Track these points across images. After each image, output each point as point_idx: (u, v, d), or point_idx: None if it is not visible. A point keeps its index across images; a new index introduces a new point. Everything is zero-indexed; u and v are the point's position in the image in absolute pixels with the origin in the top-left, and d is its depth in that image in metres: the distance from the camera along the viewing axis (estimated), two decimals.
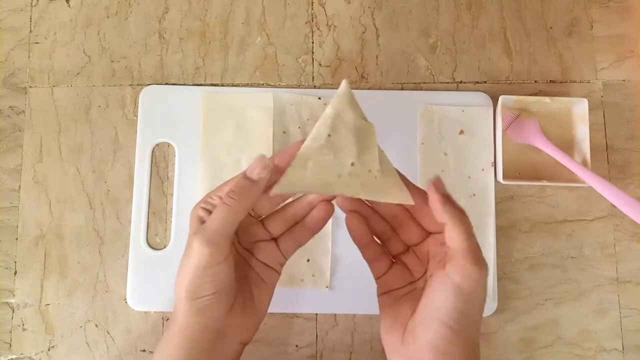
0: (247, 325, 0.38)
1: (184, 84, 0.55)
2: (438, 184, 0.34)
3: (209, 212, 0.35)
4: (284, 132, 0.53)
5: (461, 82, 0.55)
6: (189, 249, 0.35)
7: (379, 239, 0.39)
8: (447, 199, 0.33)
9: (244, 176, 0.35)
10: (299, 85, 0.55)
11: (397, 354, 0.35)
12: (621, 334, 0.51)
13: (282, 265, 0.40)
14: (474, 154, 0.53)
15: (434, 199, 0.33)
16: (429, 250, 0.37)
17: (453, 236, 0.32)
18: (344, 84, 0.37)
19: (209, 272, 0.34)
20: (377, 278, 0.39)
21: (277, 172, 0.35)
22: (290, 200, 0.39)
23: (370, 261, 0.39)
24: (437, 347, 0.32)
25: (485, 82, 0.55)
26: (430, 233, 0.38)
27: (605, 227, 0.53)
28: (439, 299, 0.32)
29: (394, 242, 0.39)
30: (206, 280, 0.34)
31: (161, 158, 0.53)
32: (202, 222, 0.35)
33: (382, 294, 0.38)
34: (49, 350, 0.51)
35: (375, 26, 0.56)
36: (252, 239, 0.39)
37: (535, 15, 0.56)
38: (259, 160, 0.35)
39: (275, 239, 0.39)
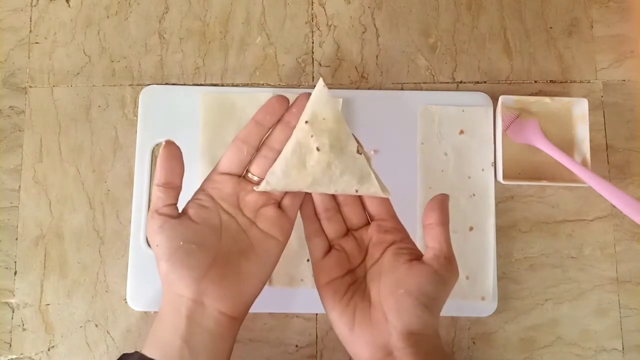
0: (225, 295, 0.37)
1: (184, 84, 0.55)
2: (444, 202, 0.38)
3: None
4: None
5: (461, 82, 0.55)
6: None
7: (323, 214, 0.40)
8: (446, 219, 0.37)
9: None
10: (299, 85, 0.55)
11: (365, 344, 0.36)
12: (621, 334, 0.51)
13: (285, 231, 0.39)
14: (474, 154, 0.53)
15: (435, 219, 0.37)
16: (371, 238, 0.39)
17: (438, 238, 0.37)
18: (320, 83, 0.38)
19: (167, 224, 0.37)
20: (316, 261, 0.39)
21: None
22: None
23: (311, 237, 0.40)
24: (410, 325, 0.35)
25: (485, 82, 0.55)
26: (371, 220, 0.40)
27: (605, 227, 0.53)
28: (417, 282, 0.36)
29: (336, 222, 0.40)
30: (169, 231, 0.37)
31: None
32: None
33: (324, 284, 0.38)
34: (49, 350, 0.51)
35: (375, 26, 0.56)
36: (255, 207, 0.39)
37: (535, 15, 0.56)
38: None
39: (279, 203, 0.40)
